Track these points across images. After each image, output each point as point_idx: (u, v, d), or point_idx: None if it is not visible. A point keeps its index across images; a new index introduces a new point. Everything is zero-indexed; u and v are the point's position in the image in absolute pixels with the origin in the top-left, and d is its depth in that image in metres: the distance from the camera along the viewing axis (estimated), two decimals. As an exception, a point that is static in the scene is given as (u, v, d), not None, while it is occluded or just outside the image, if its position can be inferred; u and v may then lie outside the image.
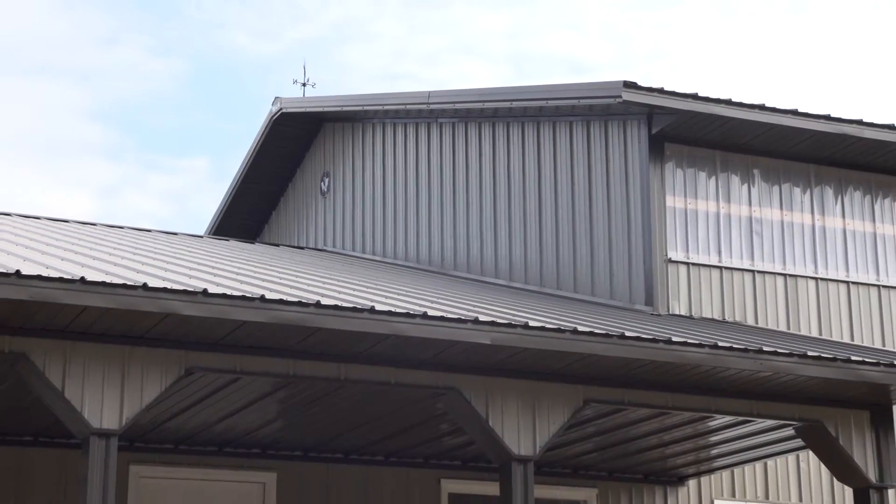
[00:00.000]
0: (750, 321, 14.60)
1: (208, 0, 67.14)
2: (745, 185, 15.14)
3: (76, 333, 9.39)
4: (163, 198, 62.98)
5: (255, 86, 68.21)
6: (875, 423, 11.65)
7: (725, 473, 14.33)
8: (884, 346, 14.91)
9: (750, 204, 15.12)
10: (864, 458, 11.52)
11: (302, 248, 20.10)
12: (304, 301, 9.47)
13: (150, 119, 66.16)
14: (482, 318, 10.02)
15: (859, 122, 14.82)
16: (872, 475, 11.51)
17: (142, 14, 67.46)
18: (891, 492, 11.90)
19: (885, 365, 11.09)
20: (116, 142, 65.35)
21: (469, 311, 10.51)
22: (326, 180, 20.89)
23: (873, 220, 15.64)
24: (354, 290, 11.35)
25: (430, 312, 9.89)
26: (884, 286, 15.43)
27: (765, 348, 10.79)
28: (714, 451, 13.25)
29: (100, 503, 9.16)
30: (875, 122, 14.89)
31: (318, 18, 68.41)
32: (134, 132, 66.84)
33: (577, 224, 15.36)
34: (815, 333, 14.72)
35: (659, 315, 13.82)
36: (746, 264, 14.88)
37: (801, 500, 14.56)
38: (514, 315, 10.67)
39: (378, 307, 9.71)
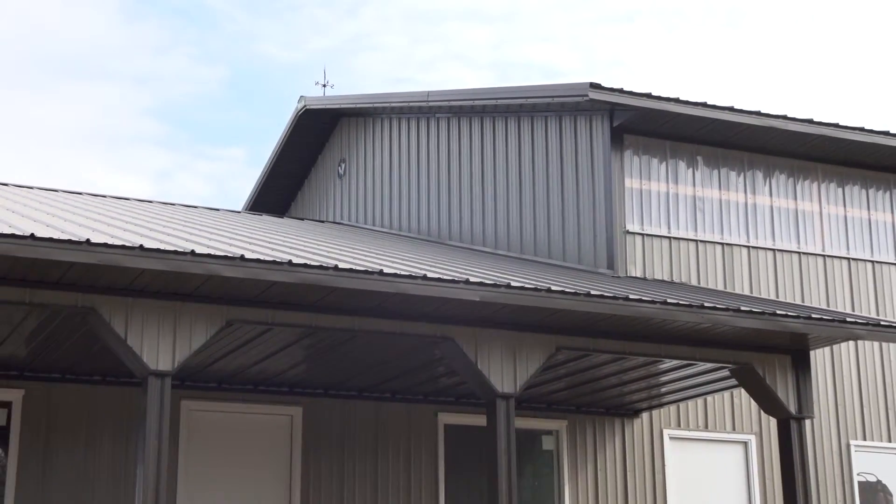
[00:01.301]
0: (693, 282, 14.56)
1: (243, 16, 67.52)
2: (690, 170, 15.08)
3: (136, 291, 9.37)
4: (207, 180, 63.19)
5: (283, 87, 68.54)
6: (795, 365, 11.66)
7: (672, 407, 14.32)
8: (803, 302, 14.89)
9: (694, 185, 15.07)
10: (786, 394, 11.53)
11: (322, 221, 20.06)
12: (324, 265, 9.44)
13: (196, 115, 66.37)
14: (472, 279, 9.99)
15: (784, 117, 14.76)
16: (793, 408, 11.53)
17: (189, 28, 67.72)
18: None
19: (803, 318, 11.10)
20: (169, 134, 65.50)
21: (461, 273, 10.46)
22: (343, 165, 20.84)
23: (795, 199, 15.58)
24: (366, 256, 11.29)
25: (429, 275, 9.86)
26: (804, 253, 15.38)
27: (705, 304, 10.80)
28: (663, 389, 13.25)
29: (156, 432, 9.17)
30: (797, 117, 14.84)
31: (335, 32, 68.79)
32: (183, 126, 66.99)
33: (550, 201, 15.31)
34: (746, 292, 14.70)
35: (618, 277, 13.78)
36: (690, 235, 14.83)
37: (734, 429, 14.54)
38: (498, 277, 10.63)
39: (386, 270, 9.69)
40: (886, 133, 15.30)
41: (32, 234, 8.61)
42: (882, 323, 11.63)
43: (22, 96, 63.87)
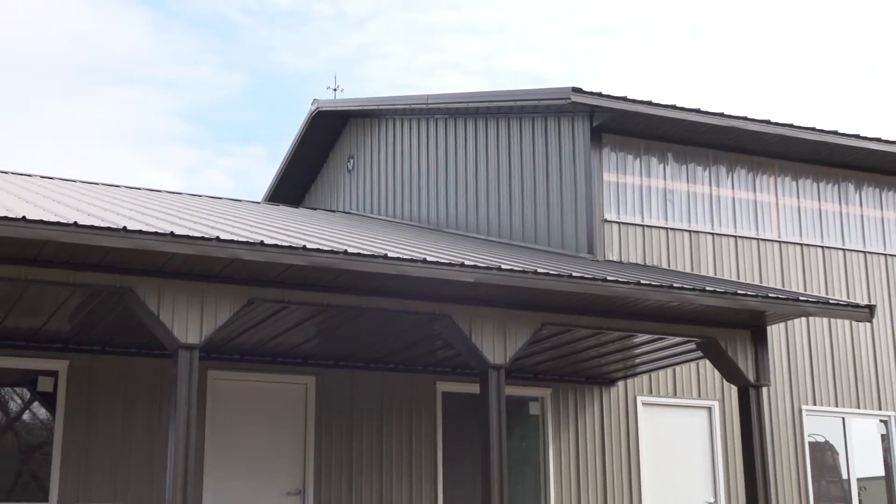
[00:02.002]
0: (664, 265, 14.58)
1: (262, 29, 67.43)
2: (661, 165, 15.08)
3: (167, 273, 9.38)
4: (230, 175, 63.08)
5: (298, 92, 68.50)
6: (754, 339, 11.65)
7: (645, 377, 14.34)
8: (761, 283, 14.91)
9: (664, 179, 15.07)
10: (746, 365, 11.54)
11: (333, 211, 20.04)
12: (335, 250, 9.44)
13: (220, 117, 66.27)
14: (467, 262, 9.98)
15: (744, 118, 14.75)
16: (751, 377, 11.54)
17: (213, 39, 67.53)
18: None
19: (761, 297, 11.11)
20: (196, 134, 65.41)
21: (457, 257, 10.46)
22: (351, 161, 20.80)
23: (754, 191, 15.59)
24: (372, 242, 11.29)
25: (429, 258, 9.86)
26: (761, 239, 15.40)
27: (674, 284, 10.79)
28: (637, 360, 13.25)
29: (186, 399, 9.19)
30: (755, 118, 14.84)
31: (344, 42, 68.76)
32: (209, 127, 66.88)
33: (537, 193, 15.31)
34: (711, 274, 14.71)
35: (597, 261, 13.79)
36: (661, 223, 14.84)
37: (699, 396, 14.57)
38: (490, 261, 10.63)
39: (390, 254, 9.68)
40: (835, 132, 15.32)
41: (76, 223, 8.63)
42: (831, 301, 11.66)
43: (66, 100, 63.74)
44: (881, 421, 15.60)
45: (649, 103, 14.28)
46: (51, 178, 15.99)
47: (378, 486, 12.99)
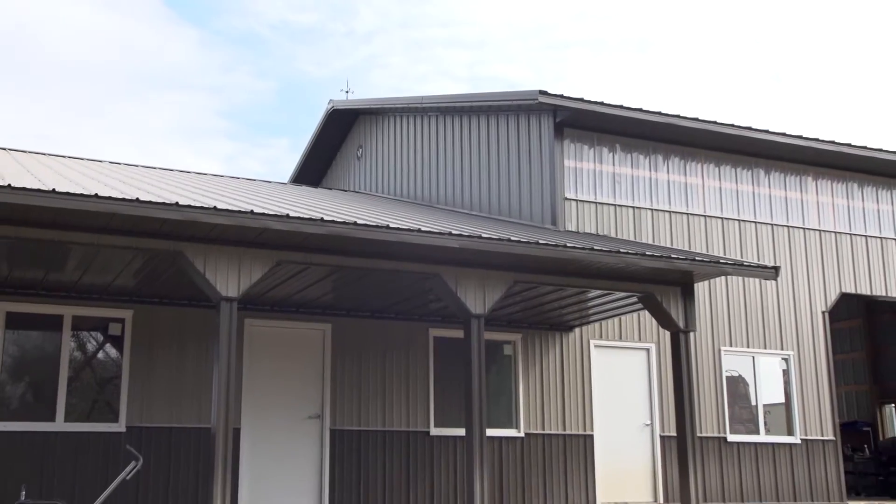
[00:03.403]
0: (612, 234, 14.59)
1: (287, 44, 67.32)
2: (611, 154, 15.06)
3: (211, 239, 9.36)
4: (262, 162, 63.18)
5: (316, 94, 68.57)
6: (684, 294, 11.70)
7: (596, 324, 14.39)
8: (690, 249, 14.94)
9: (613, 165, 15.06)
10: (677, 314, 11.58)
11: (346, 191, 19.99)
12: (346, 221, 9.42)
13: (254, 115, 66.24)
14: (454, 232, 9.98)
15: (677, 116, 14.74)
16: (681, 324, 11.58)
17: (247, 53, 67.21)
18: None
19: (689, 260, 11.13)
20: (234, 129, 65.35)
21: (446, 228, 10.45)
22: (360, 150, 20.73)
23: (685, 175, 15.59)
24: (377, 215, 11.27)
25: (423, 228, 9.85)
26: (690, 214, 15.41)
27: (620, 250, 10.80)
28: (590, 311, 13.29)
29: (227, 341, 9.18)
30: (687, 115, 14.83)
31: (354, 54, 68.70)
32: (244, 123, 66.83)
33: (510, 176, 15.29)
34: (650, 241, 14.72)
35: (559, 231, 13.79)
36: (610, 201, 14.84)
37: (640, 339, 14.62)
38: (472, 230, 10.62)
39: (391, 225, 9.67)
40: (749, 128, 15.32)
41: (138, 199, 8.60)
42: (744, 263, 11.69)
43: (130, 103, 63.56)
44: (782, 359, 15.69)
45: (601, 103, 14.25)
46: (118, 164, 15.90)
47: (381, 411, 13.02)
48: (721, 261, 11.52)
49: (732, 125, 15.22)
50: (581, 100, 14.16)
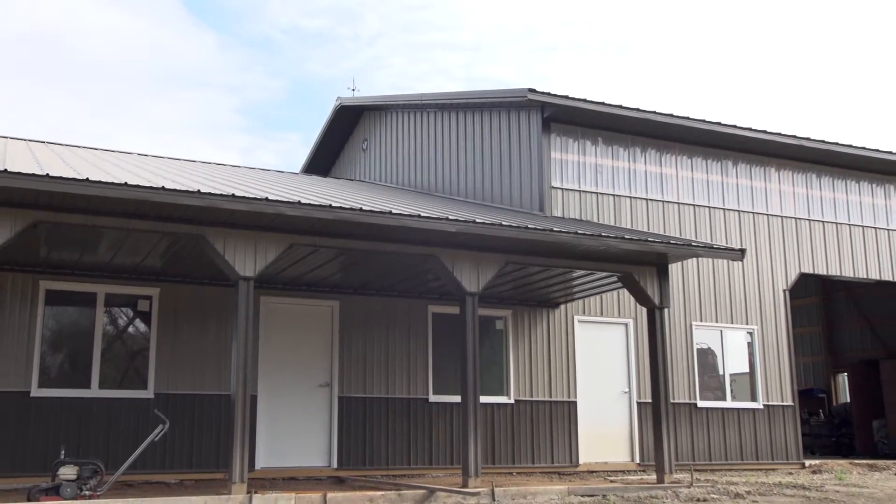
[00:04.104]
0: (594, 220, 14.56)
1: (298, 47, 67.12)
2: (594, 147, 15.00)
3: (230, 223, 9.34)
4: (275, 154, 63.10)
5: (325, 92, 68.49)
6: (659, 274, 11.68)
7: (580, 301, 14.37)
8: (664, 233, 14.91)
9: (595, 157, 14.99)
10: (653, 292, 11.57)
11: (352, 180, 19.93)
12: (353, 207, 9.40)
13: (268, 111, 66.10)
14: (451, 217, 9.97)
15: (653, 112, 14.69)
16: (657, 301, 11.58)
17: (262, 54, 67.02)
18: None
19: (664, 243, 11.14)
20: (250, 124, 65.22)
21: (443, 214, 10.42)
22: (365, 142, 20.65)
23: (660, 166, 15.52)
24: (381, 202, 11.25)
25: (422, 214, 9.84)
26: (665, 201, 15.37)
27: (602, 234, 10.78)
28: (574, 289, 13.29)
29: (245, 317, 9.19)
30: (662, 111, 14.77)
31: (359, 56, 68.50)
32: (259, 119, 66.66)
33: (502, 166, 15.24)
34: (628, 226, 14.69)
35: (546, 217, 13.75)
36: (593, 189, 14.79)
37: (619, 315, 14.62)
38: (467, 216, 10.60)
39: (394, 211, 9.65)
40: (719, 123, 15.27)
41: (163, 187, 8.57)
42: (714, 246, 11.68)
43: (154, 100, 63.29)
44: (747, 332, 15.70)
45: (585, 101, 14.19)
46: (145, 155, 15.82)
47: (385, 380, 13.02)
48: (693, 244, 11.50)
49: (703, 121, 15.16)
50: (566, 97, 14.08)
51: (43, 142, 15.53)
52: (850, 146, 16.44)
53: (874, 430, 19.26)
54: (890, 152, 16.71)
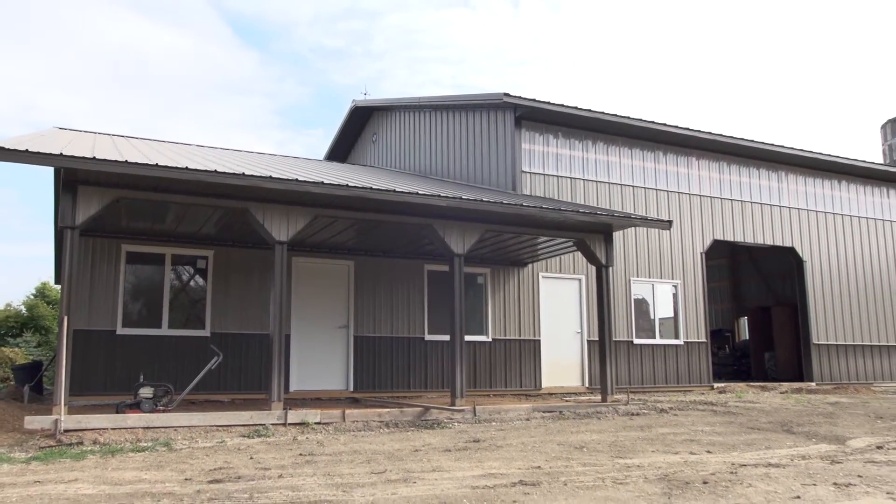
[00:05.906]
0: (556, 197, 14.47)
1: (321, 61, 66.43)
2: (556, 139, 14.88)
3: (269, 199, 9.24)
4: (303, 146, 62.76)
5: (343, 97, 67.94)
6: (605, 240, 11.64)
7: (544, 261, 14.34)
8: (610, 207, 14.83)
9: (557, 147, 14.88)
10: (601, 254, 11.54)
11: (364, 165, 19.76)
12: (365, 186, 9.29)
13: (297, 113, 65.56)
14: (442, 195, 9.86)
15: (603, 112, 14.56)
16: (604, 261, 11.54)
17: (292, 66, 66.31)
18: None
19: (610, 215, 11.07)
20: (284, 122, 64.74)
21: (436, 192, 10.34)
22: (375, 136, 20.47)
23: (607, 155, 15.42)
24: (387, 183, 11.14)
25: (420, 192, 9.73)
26: (612, 183, 15.30)
27: (561, 208, 10.71)
28: (539, 251, 13.27)
29: (280, 273, 9.11)
30: (610, 112, 14.64)
31: (370, 68, 67.93)
32: (290, 118, 66.14)
33: (482, 155, 15.12)
34: (582, 202, 14.56)
35: (518, 195, 13.66)
36: (555, 173, 14.71)
37: (574, 272, 14.62)
38: (455, 194, 10.53)
39: (397, 189, 9.55)
40: (652, 121, 15.15)
41: (216, 170, 8.45)
42: (648, 218, 11.63)
43: (209, 104, 62.47)
44: (673, 286, 15.74)
45: (548, 103, 14.05)
46: (201, 146, 15.60)
47: (390, 323, 13.01)
48: (632, 216, 11.47)
49: (641, 119, 15.03)
50: (534, 100, 13.94)
51: (123, 136, 15.30)
52: (752, 140, 16.40)
53: (766, 361, 19.47)
54: (781, 145, 16.75)
